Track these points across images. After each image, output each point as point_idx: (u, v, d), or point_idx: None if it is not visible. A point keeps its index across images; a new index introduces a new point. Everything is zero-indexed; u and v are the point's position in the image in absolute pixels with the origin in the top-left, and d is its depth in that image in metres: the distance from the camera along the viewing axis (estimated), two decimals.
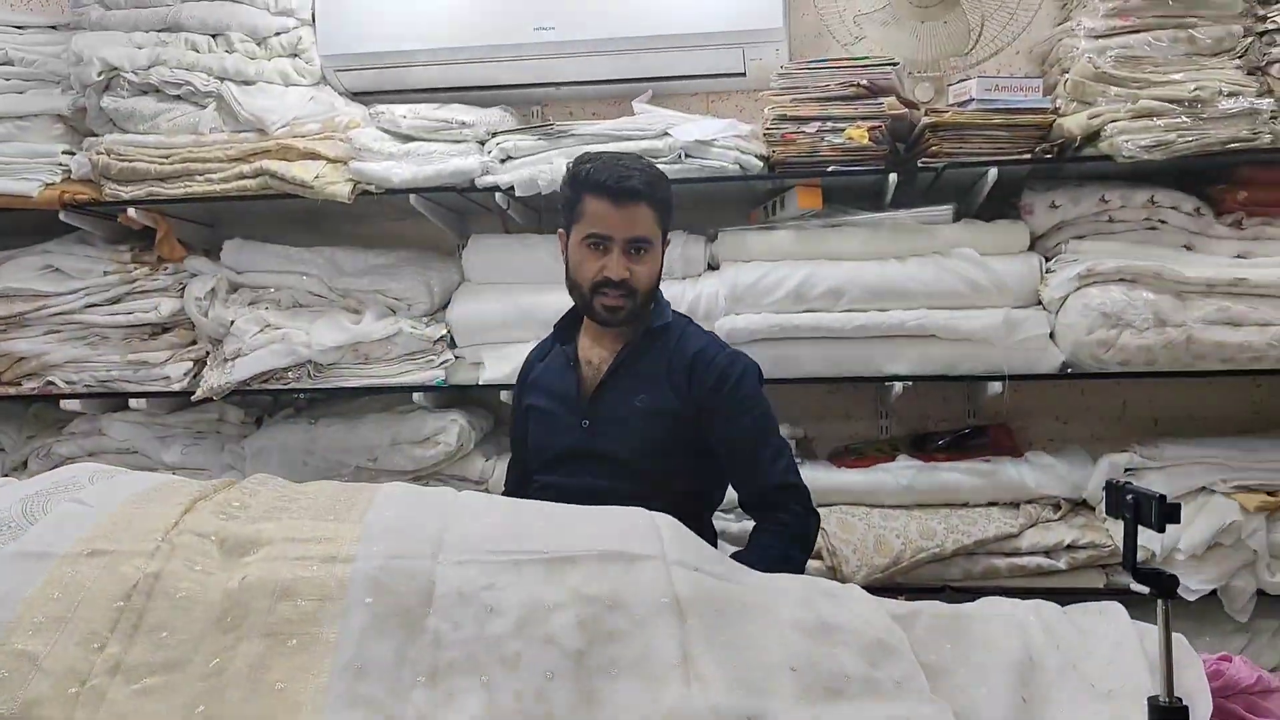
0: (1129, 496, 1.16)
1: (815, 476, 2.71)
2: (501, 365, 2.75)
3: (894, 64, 2.63)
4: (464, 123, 2.77)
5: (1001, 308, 2.60)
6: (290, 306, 2.90)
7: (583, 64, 2.91)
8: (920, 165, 2.58)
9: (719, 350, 2.11)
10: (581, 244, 2.04)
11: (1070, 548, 2.53)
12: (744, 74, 2.91)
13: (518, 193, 2.68)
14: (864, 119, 2.60)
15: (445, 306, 2.92)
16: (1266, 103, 2.42)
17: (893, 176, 2.60)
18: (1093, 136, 2.49)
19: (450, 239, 3.12)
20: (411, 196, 2.76)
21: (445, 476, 2.84)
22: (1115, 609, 1.55)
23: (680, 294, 2.71)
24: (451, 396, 2.95)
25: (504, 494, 2.32)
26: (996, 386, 2.60)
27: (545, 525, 1.45)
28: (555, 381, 2.17)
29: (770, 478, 2.05)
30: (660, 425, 2.07)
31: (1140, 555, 2.44)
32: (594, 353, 2.15)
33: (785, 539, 2.02)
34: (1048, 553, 2.55)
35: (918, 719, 1.15)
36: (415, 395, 2.81)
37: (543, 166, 2.67)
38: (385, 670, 1.12)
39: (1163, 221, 2.60)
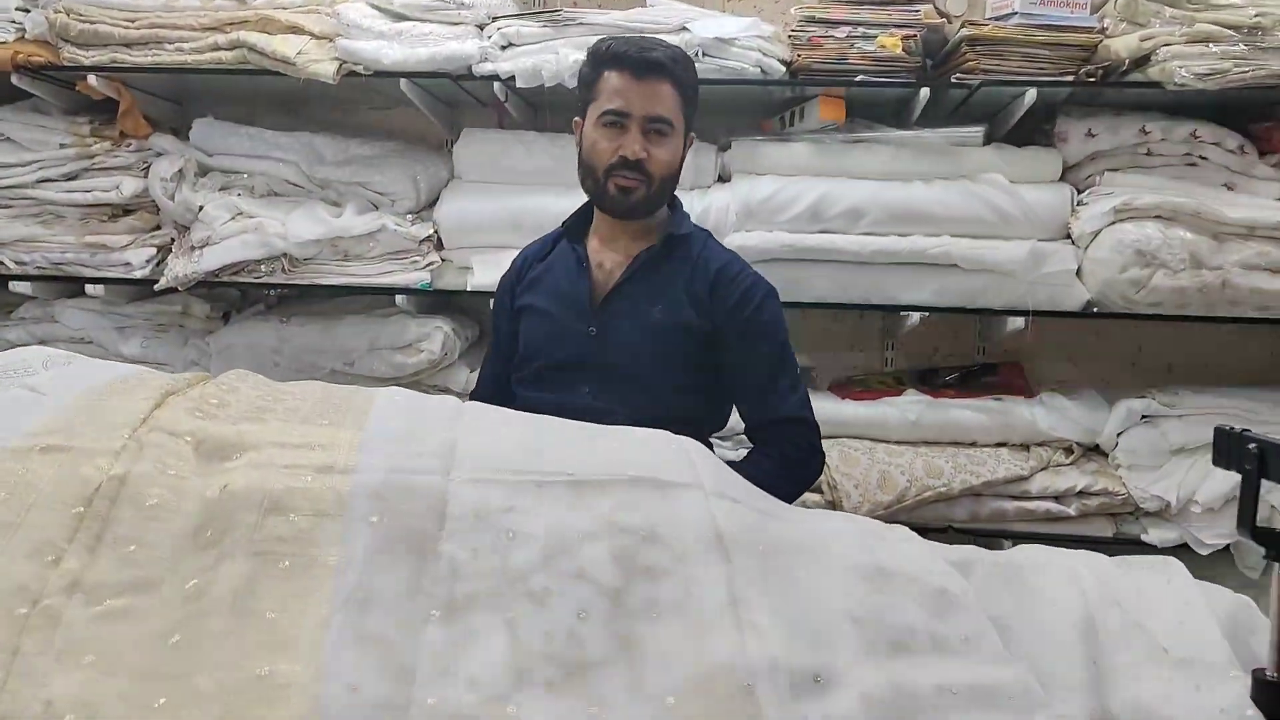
0: (1252, 446, 1.02)
1: (818, 407, 2.50)
2: (491, 271, 2.54)
3: None
4: (462, 3, 2.54)
5: (1028, 239, 2.45)
6: (264, 194, 2.68)
7: None
8: (954, 81, 2.41)
9: (743, 268, 1.96)
10: (597, 123, 1.85)
11: (1082, 494, 2.43)
12: None
13: (518, 83, 2.47)
14: (898, 26, 2.41)
15: (432, 205, 2.72)
16: None
17: (925, 91, 2.42)
18: (1141, 61, 2.32)
19: (438, 131, 2.92)
20: (401, 81, 2.54)
21: (426, 386, 2.67)
22: (1172, 564, 1.42)
23: (689, 205, 2.49)
24: (435, 301, 2.76)
25: None
26: (1016, 322, 2.46)
27: (566, 444, 1.29)
28: (561, 281, 1.96)
29: (781, 409, 1.91)
30: (675, 340, 1.90)
31: (1155, 505, 2.35)
32: (606, 255, 1.97)
33: (781, 469, 1.88)
34: (1058, 498, 2.45)
35: (999, 685, 1.02)
36: (397, 298, 2.62)
37: (547, 56, 2.46)
38: (394, 603, 0.96)
39: (1203, 158, 2.46)
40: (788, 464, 1.90)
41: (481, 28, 2.56)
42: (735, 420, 2.00)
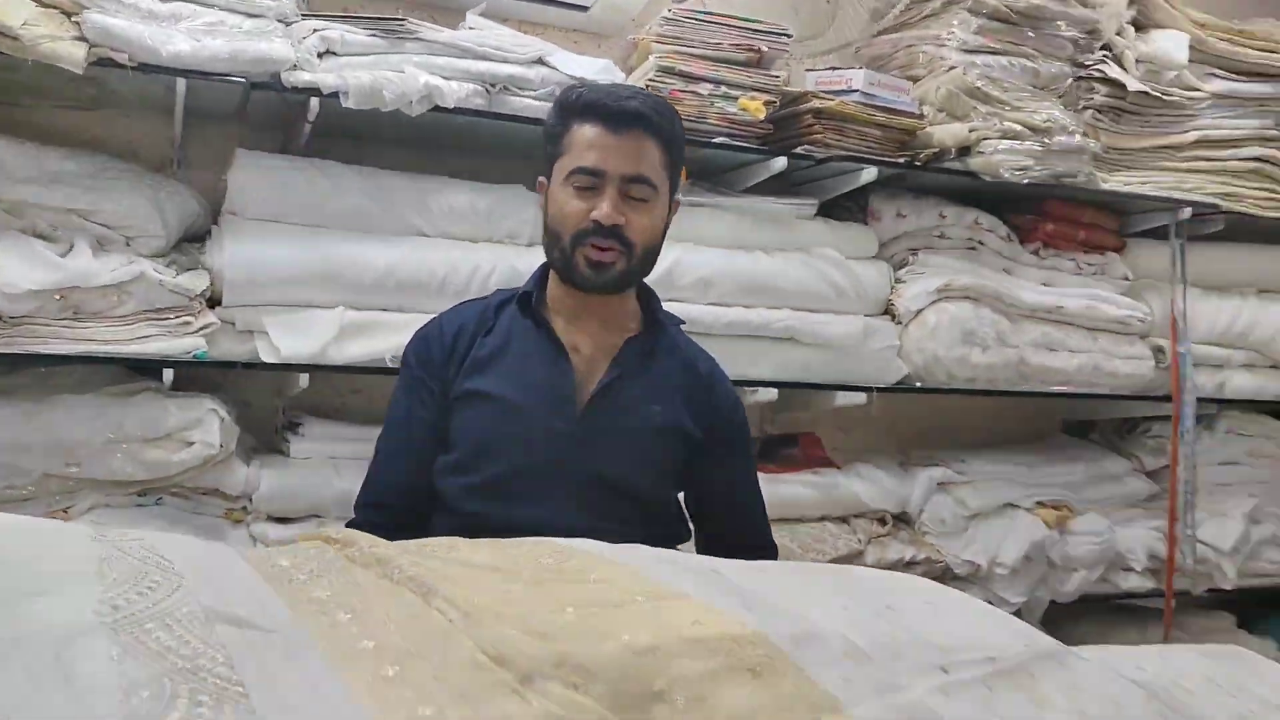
0: None
1: None
2: (298, 338, 1.99)
3: (788, 35, 2.37)
4: None
5: (858, 315, 2.47)
6: None
7: None
8: (804, 152, 2.36)
9: (724, 373, 1.77)
10: (565, 184, 1.57)
11: (910, 564, 2.49)
12: (587, 8, 2.44)
13: (351, 102, 1.96)
14: (758, 90, 2.31)
15: (178, 246, 2.06)
16: (1094, 144, 2.58)
17: (780, 161, 2.34)
18: (962, 151, 2.46)
19: (163, 148, 2.23)
20: (180, 83, 1.90)
21: (189, 491, 1.99)
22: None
23: (533, 265, 2.17)
24: (186, 376, 2.06)
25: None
26: (853, 397, 2.46)
27: (912, 614, 0.99)
28: (533, 367, 1.61)
29: (763, 536, 1.77)
30: (673, 446, 1.65)
31: (965, 569, 2.48)
32: (580, 339, 1.64)
33: None
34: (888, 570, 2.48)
35: None
36: (165, 374, 1.92)
37: (388, 74, 1.98)
38: None
39: (981, 243, 2.66)
40: None
41: (284, 23, 2.00)
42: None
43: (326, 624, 0.71)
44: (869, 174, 2.41)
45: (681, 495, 1.73)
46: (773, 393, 2.38)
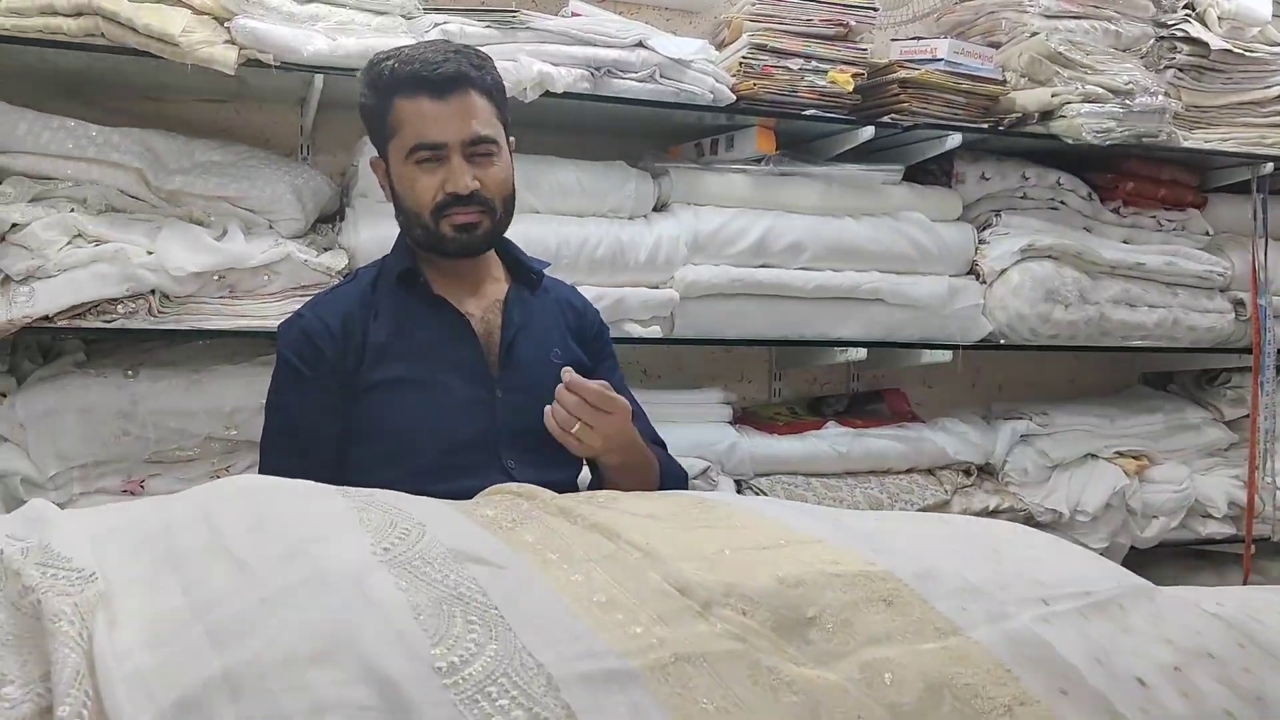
0: None
1: (755, 445, 2.52)
2: None
3: (874, 9, 2.47)
4: None
5: (943, 275, 2.58)
6: (102, 210, 2.04)
7: None
8: (890, 120, 2.47)
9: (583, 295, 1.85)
10: (408, 162, 1.57)
11: (994, 513, 2.61)
12: None
13: None
14: (846, 63, 2.42)
15: (314, 227, 2.25)
16: (1175, 104, 2.64)
17: (868, 130, 2.45)
18: (1045, 115, 2.54)
19: (290, 136, 2.42)
20: (317, 79, 2.07)
21: None
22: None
23: (636, 237, 2.34)
24: None
25: None
26: (939, 355, 2.58)
27: (985, 552, 1.14)
28: (438, 341, 1.61)
29: (652, 432, 1.78)
30: None
31: (1048, 517, 2.59)
32: (468, 301, 1.65)
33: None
34: None
35: None
36: None
37: (504, 64, 2.12)
38: None
39: (1062, 203, 2.75)
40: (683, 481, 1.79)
41: (407, 19, 2.16)
42: None
43: (539, 562, 0.88)
44: (953, 140, 2.51)
45: None
46: (861, 352, 2.51)
